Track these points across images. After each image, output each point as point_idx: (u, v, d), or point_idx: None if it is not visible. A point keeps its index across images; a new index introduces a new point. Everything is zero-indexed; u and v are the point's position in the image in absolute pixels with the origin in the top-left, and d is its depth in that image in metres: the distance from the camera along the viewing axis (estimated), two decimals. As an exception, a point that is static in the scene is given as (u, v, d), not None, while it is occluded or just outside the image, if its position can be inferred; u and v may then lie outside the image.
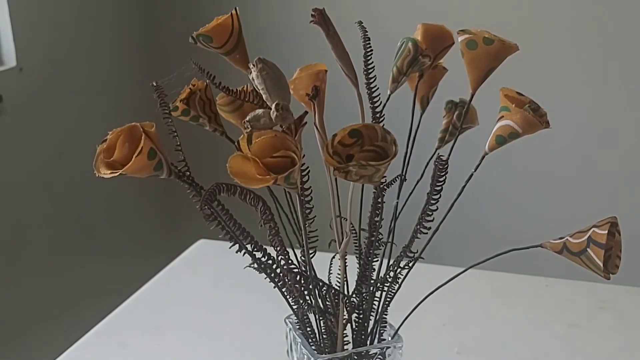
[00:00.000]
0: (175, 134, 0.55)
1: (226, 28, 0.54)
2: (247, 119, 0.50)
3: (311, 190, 0.54)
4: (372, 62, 0.56)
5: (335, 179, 0.52)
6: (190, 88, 0.57)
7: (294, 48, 1.82)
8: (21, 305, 1.84)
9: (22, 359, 1.82)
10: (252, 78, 0.50)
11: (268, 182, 0.47)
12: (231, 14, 0.54)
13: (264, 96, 0.50)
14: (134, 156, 0.51)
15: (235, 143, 0.49)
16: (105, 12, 2.20)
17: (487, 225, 2.17)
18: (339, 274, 0.59)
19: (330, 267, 0.61)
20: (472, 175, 0.54)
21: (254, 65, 0.49)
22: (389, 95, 0.56)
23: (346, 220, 0.58)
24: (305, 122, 0.52)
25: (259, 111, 0.49)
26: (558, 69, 2.04)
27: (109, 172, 0.52)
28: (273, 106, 0.49)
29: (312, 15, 0.52)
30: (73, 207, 2.07)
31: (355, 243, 0.59)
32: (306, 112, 0.54)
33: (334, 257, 0.61)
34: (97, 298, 1.44)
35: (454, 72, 0.61)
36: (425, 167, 0.57)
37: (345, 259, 0.58)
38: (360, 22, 0.57)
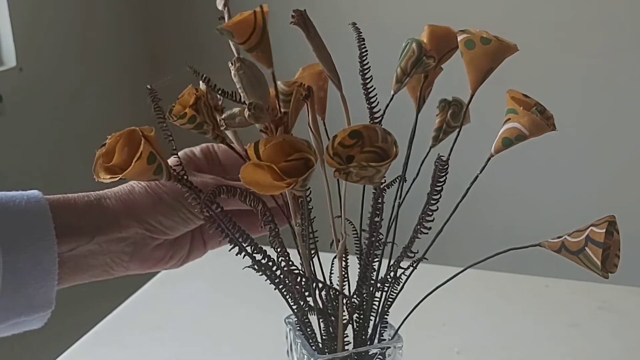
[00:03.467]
0: (171, 137, 0.55)
1: (248, 24, 0.52)
2: (223, 116, 0.50)
3: (310, 191, 0.54)
4: (368, 62, 0.56)
5: (338, 180, 0.52)
6: (195, 94, 0.57)
7: (296, 47, 1.82)
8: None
9: (22, 359, 1.82)
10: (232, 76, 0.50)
11: (285, 188, 0.47)
12: (254, 11, 0.53)
13: (241, 95, 0.50)
14: (133, 161, 0.51)
15: (243, 152, 0.48)
16: (105, 12, 2.20)
17: (488, 226, 2.17)
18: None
19: (331, 267, 0.61)
20: (477, 177, 0.54)
21: (232, 63, 0.50)
22: (392, 95, 0.56)
23: (345, 220, 0.58)
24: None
25: (235, 110, 0.50)
26: (559, 69, 2.04)
27: (109, 176, 0.52)
28: (247, 105, 0.49)
29: (292, 16, 0.51)
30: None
31: (356, 243, 0.59)
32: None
33: (335, 258, 0.61)
34: (97, 298, 1.44)
35: (451, 71, 0.61)
36: (420, 165, 0.57)
37: (347, 259, 0.58)
38: (354, 24, 0.56)
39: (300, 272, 0.56)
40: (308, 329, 0.60)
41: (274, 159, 0.47)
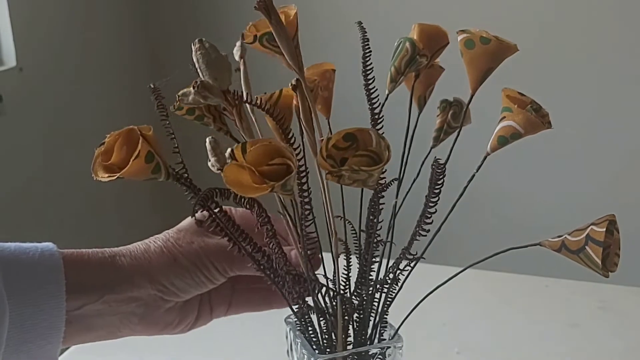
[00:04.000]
0: (173, 136, 0.55)
1: (292, 27, 0.52)
2: (179, 94, 0.51)
3: (310, 192, 0.54)
4: (371, 63, 0.56)
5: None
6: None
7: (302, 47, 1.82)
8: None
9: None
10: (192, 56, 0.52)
11: (265, 191, 0.47)
12: (295, 13, 0.53)
13: (200, 74, 0.52)
14: (131, 159, 0.51)
15: (230, 152, 0.48)
16: (105, 12, 2.20)
17: (487, 226, 2.17)
18: (342, 274, 0.59)
19: (335, 267, 0.61)
20: (473, 176, 0.54)
21: (193, 44, 0.51)
22: (387, 95, 0.56)
23: (343, 221, 0.58)
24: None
25: (190, 88, 0.51)
26: (559, 69, 2.04)
27: (107, 175, 0.52)
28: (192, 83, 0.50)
29: (257, 2, 0.51)
30: (72, 207, 2.07)
31: (355, 244, 0.59)
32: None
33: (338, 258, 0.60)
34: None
35: (452, 71, 0.61)
36: (421, 166, 0.57)
37: (349, 259, 0.58)
38: (359, 23, 0.56)
39: (299, 272, 0.56)
40: (310, 330, 0.60)
41: (258, 161, 0.47)
